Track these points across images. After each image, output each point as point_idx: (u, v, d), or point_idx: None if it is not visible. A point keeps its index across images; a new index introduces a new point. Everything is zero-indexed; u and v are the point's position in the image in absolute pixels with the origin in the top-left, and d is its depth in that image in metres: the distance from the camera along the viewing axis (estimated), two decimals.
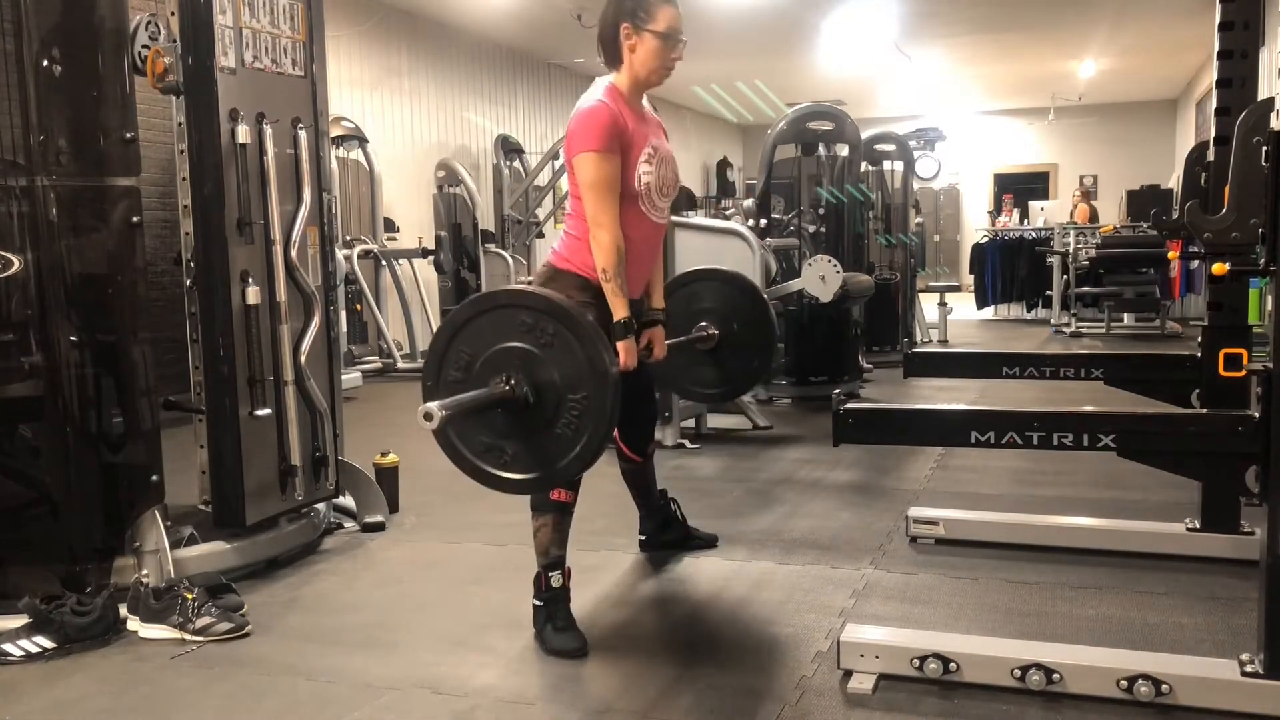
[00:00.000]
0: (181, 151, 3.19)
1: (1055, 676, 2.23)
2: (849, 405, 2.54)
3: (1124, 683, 2.19)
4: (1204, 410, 3.01)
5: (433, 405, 2.15)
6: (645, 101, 2.88)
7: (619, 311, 2.64)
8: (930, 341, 9.18)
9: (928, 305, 9.46)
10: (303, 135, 3.29)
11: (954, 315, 10.14)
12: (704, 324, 3.46)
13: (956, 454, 4.65)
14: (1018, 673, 2.25)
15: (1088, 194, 13.20)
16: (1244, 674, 2.15)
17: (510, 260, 9.18)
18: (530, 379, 2.34)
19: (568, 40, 10.54)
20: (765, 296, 3.62)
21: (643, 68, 2.74)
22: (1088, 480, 4.20)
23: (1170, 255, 4.00)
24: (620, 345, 2.60)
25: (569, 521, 2.70)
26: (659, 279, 3.01)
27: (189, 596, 2.74)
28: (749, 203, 6.60)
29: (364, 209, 8.57)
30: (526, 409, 2.34)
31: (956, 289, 12.82)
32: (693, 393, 3.71)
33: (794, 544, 3.43)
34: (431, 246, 8.42)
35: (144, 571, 2.91)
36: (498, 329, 2.37)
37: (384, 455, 3.94)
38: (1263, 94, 2.86)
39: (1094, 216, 12.25)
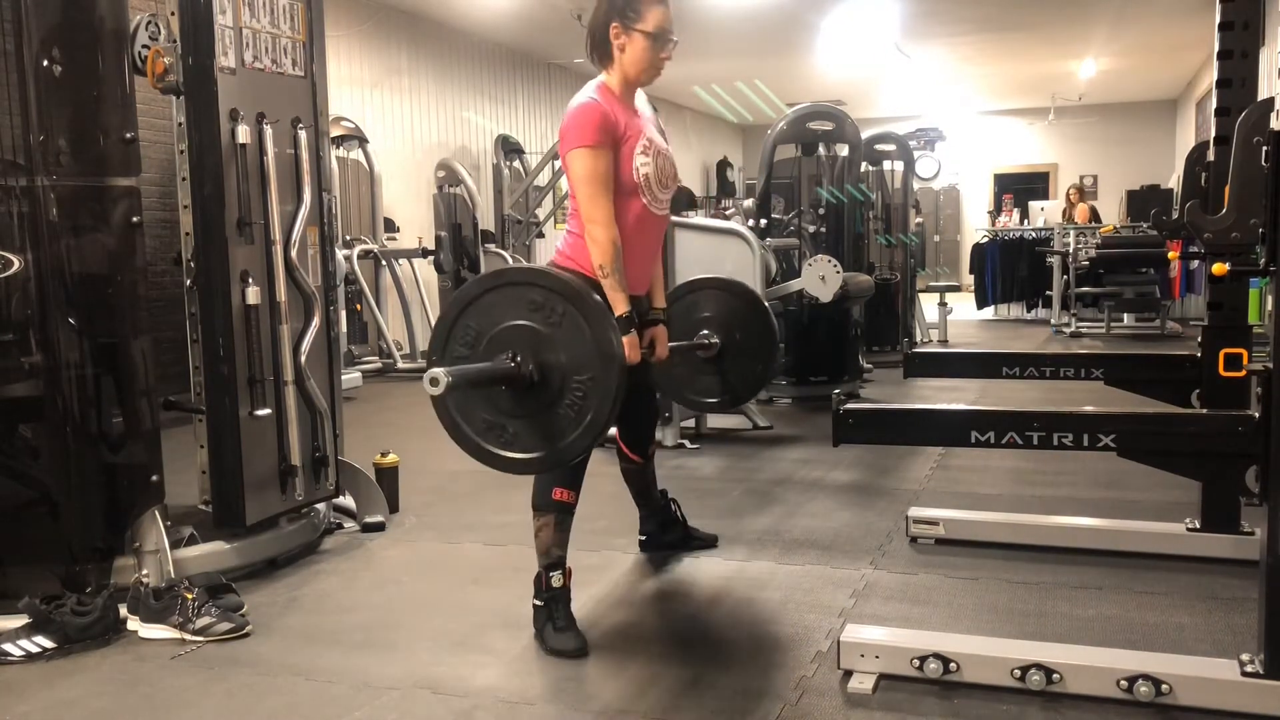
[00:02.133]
0: (181, 151, 3.19)
1: (1055, 676, 2.23)
2: (849, 405, 2.54)
3: (1124, 683, 2.19)
4: (1204, 410, 3.01)
5: (439, 371, 2.16)
6: (643, 102, 2.88)
7: (619, 307, 2.62)
8: (930, 341, 9.18)
9: (928, 305, 9.46)
10: (303, 135, 3.29)
11: (954, 315, 10.14)
12: (705, 333, 3.47)
13: (956, 454, 4.65)
14: (1018, 673, 2.25)
15: (1083, 191, 13.15)
16: (1244, 674, 2.15)
17: (510, 260, 9.18)
18: (536, 358, 2.33)
19: (568, 40, 10.51)
20: (766, 304, 3.61)
21: (632, 67, 2.74)
22: (1088, 480, 4.20)
23: (1170, 255, 3.99)
24: (623, 340, 2.58)
25: (570, 521, 2.70)
26: (660, 279, 3.00)
27: (189, 596, 2.74)
28: (749, 203, 6.60)
29: (364, 209, 8.57)
30: (531, 388, 2.34)
31: (956, 289, 12.82)
32: (695, 402, 3.69)
33: (794, 544, 3.43)
34: (431, 246, 8.42)
35: (144, 571, 2.91)
36: (507, 306, 2.37)
37: (384, 455, 3.94)
38: (1263, 94, 2.86)
39: (1095, 216, 12.24)
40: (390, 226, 8.84)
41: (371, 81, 9.14)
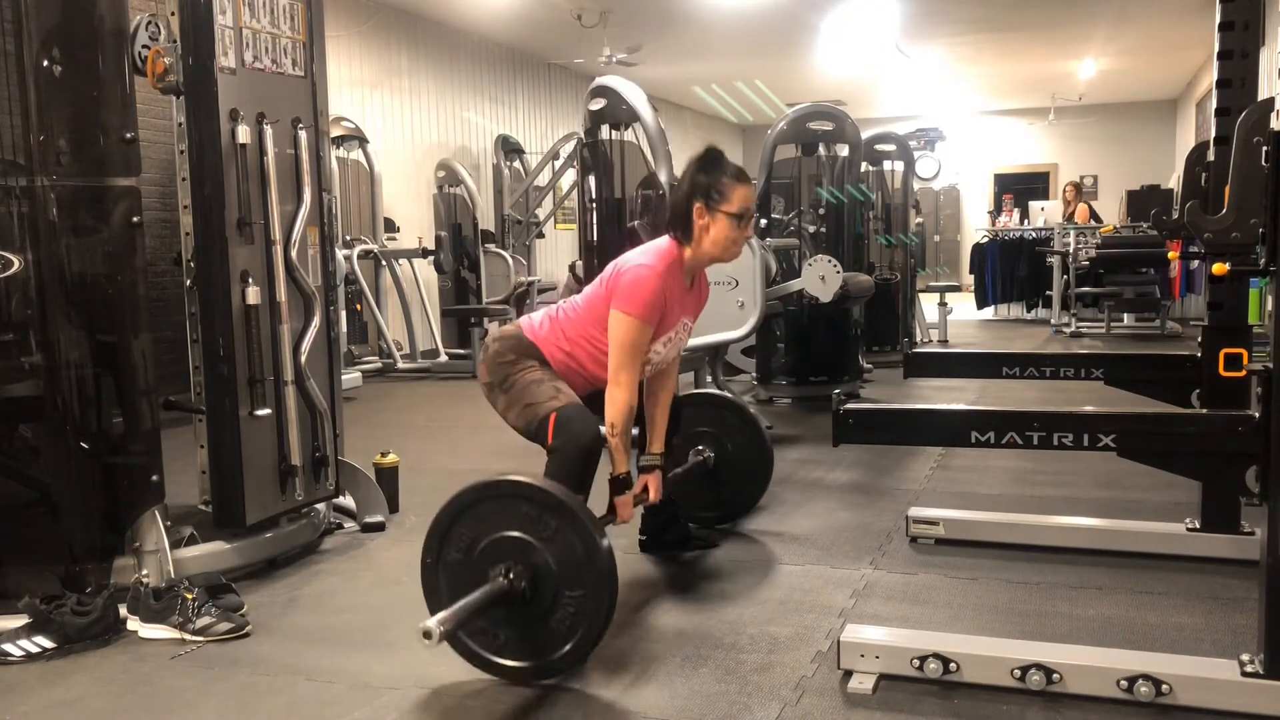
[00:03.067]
0: (181, 151, 3.19)
1: (1055, 676, 2.23)
2: (849, 405, 2.54)
3: (1124, 683, 2.19)
4: (1204, 410, 3.01)
5: (431, 623, 2.14)
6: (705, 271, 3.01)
7: (620, 466, 2.79)
8: (930, 341, 9.18)
9: (928, 305, 9.45)
10: (303, 135, 3.29)
11: (954, 315, 10.14)
12: (700, 448, 3.50)
13: (956, 454, 4.65)
14: (1018, 673, 2.25)
15: (1079, 189, 13.13)
16: (1244, 674, 2.15)
17: (510, 260, 9.18)
18: (529, 571, 2.33)
19: (568, 40, 10.54)
20: (756, 416, 3.62)
21: (714, 246, 2.83)
22: (1088, 480, 4.20)
23: (1170, 255, 3.99)
24: (618, 500, 2.79)
25: None
26: (661, 423, 3.07)
27: (189, 596, 2.74)
28: None
29: (364, 209, 8.57)
30: (524, 602, 2.34)
31: (956, 289, 12.81)
32: (692, 516, 3.54)
33: (794, 544, 3.43)
34: (431, 246, 8.42)
35: (144, 571, 2.91)
36: (501, 516, 2.37)
37: (384, 455, 3.94)
38: (1263, 94, 2.86)
39: (1095, 216, 12.24)
40: (390, 226, 8.84)
41: (371, 81, 9.14)
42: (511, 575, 2.33)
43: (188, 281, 3.31)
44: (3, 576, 2.89)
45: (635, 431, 2.96)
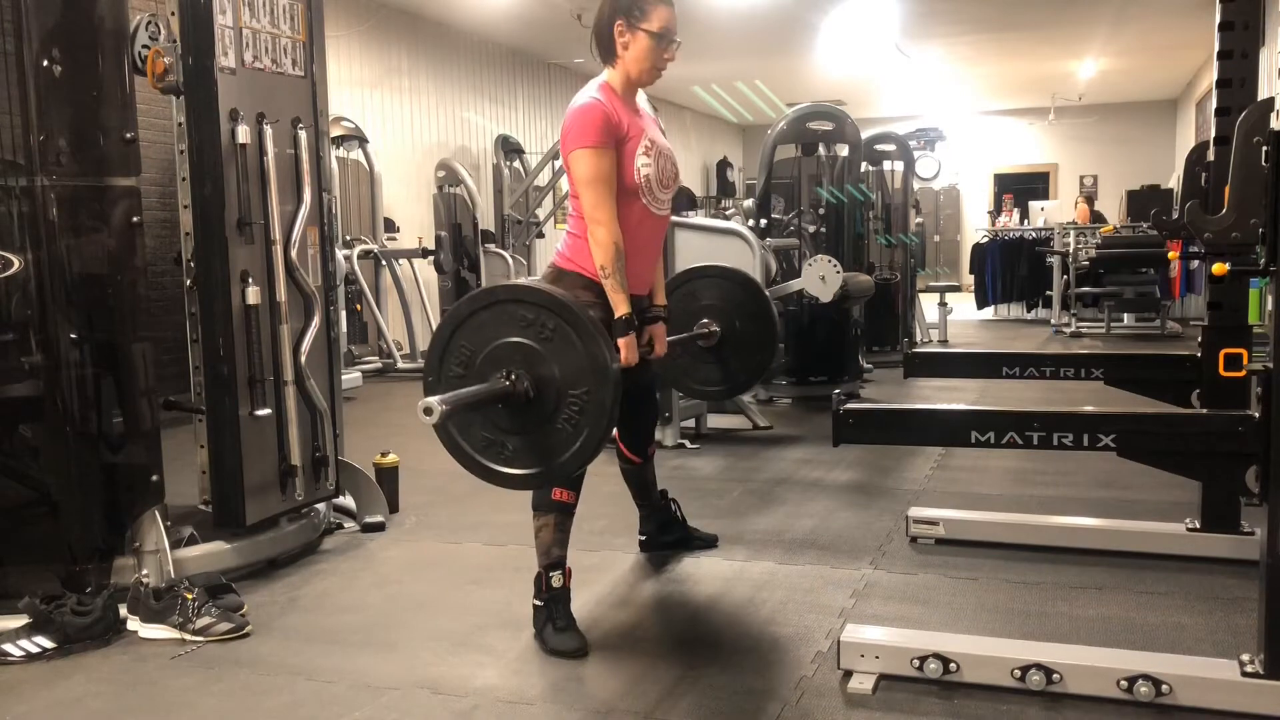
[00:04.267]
0: (181, 151, 3.19)
1: (1055, 676, 2.23)
2: (849, 405, 2.54)
3: (1124, 683, 2.19)
4: (1204, 410, 3.01)
5: (433, 400, 2.15)
6: (644, 101, 2.88)
7: (620, 308, 2.65)
8: (930, 341, 9.18)
9: (928, 305, 9.46)
10: (303, 135, 3.29)
11: (954, 315, 10.14)
12: (705, 321, 3.45)
13: (956, 454, 4.65)
14: (1018, 673, 2.25)
15: (1090, 199, 13.19)
16: (1244, 674, 2.15)
17: (510, 260, 9.18)
18: (531, 374, 2.33)
19: (568, 40, 10.53)
20: (765, 290, 3.60)
21: (635, 66, 2.75)
22: (1088, 480, 4.20)
23: (1170, 255, 3.99)
24: (621, 342, 2.61)
25: (570, 522, 2.70)
26: (660, 276, 3.01)
27: (189, 596, 2.74)
28: (749, 203, 6.60)
29: (364, 209, 8.56)
30: (527, 404, 2.34)
31: (956, 289, 12.82)
32: (696, 390, 3.69)
33: (794, 544, 3.43)
34: (431, 246, 8.42)
35: (144, 571, 2.91)
36: (498, 324, 2.36)
37: (384, 455, 3.94)
38: (1263, 94, 2.86)
39: (1097, 217, 12.23)
40: (390, 226, 8.84)
41: (371, 81, 9.14)
42: (513, 377, 2.32)
43: (188, 281, 3.30)
44: (3, 576, 2.89)
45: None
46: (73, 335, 2.88)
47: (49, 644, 2.65)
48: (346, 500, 3.78)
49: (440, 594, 3.07)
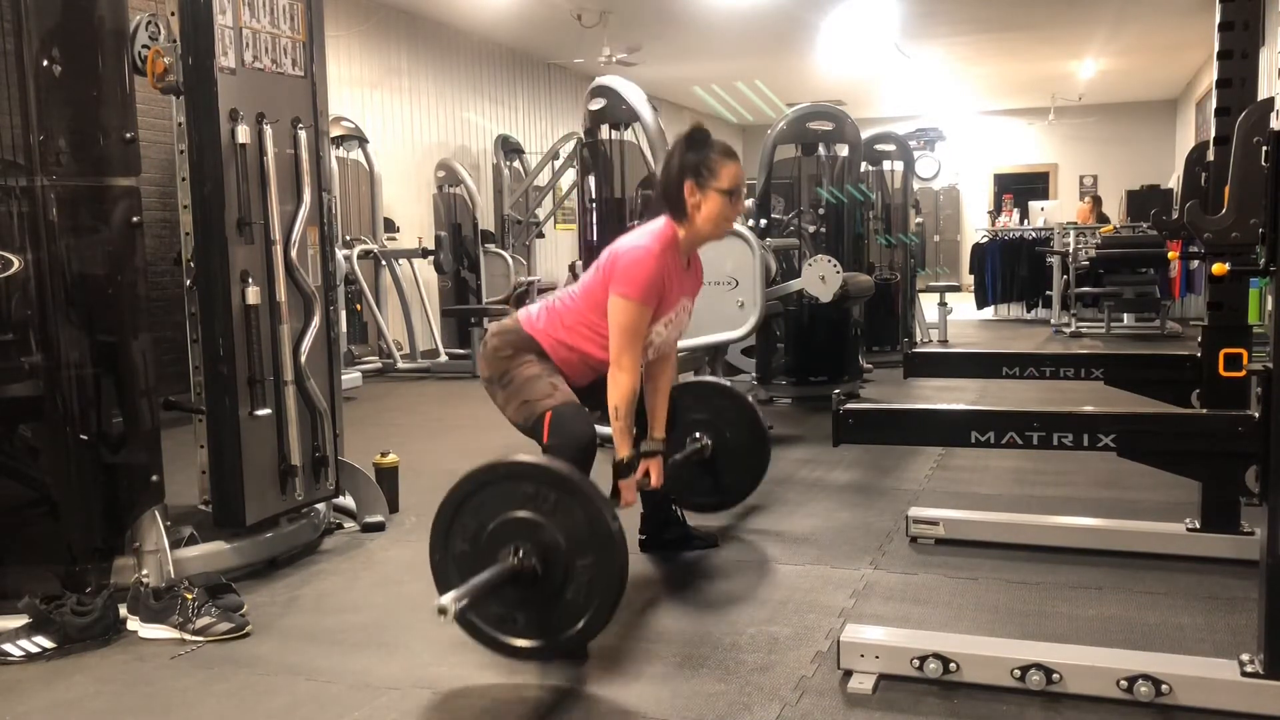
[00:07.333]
0: (181, 151, 3.19)
1: (1055, 676, 2.23)
2: (849, 405, 2.54)
3: (1124, 683, 2.19)
4: (1204, 410, 3.01)
5: (447, 599, 2.16)
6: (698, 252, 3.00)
7: (622, 450, 2.79)
8: (930, 341, 9.18)
9: (928, 305, 9.45)
10: (303, 135, 3.29)
11: (954, 315, 10.14)
12: (697, 435, 3.49)
13: (956, 454, 4.65)
14: (1018, 673, 2.25)
15: (1098, 198, 13.19)
16: (1244, 674, 2.15)
17: (510, 260, 9.19)
18: (537, 547, 2.34)
19: (568, 40, 10.54)
20: (752, 403, 3.61)
21: (707, 223, 2.83)
22: (1088, 480, 4.20)
23: (1170, 255, 4.00)
24: (622, 484, 2.79)
25: None
26: (662, 410, 3.07)
27: (189, 596, 2.74)
28: (749, 203, 6.59)
29: (364, 209, 8.56)
30: (536, 580, 2.35)
31: (956, 289, 12.81)
32: (699, 505, 3.58)
33: (794, 544, 3.43)
34: (431, 246, 8.42)
35: (144, 571, 2.91)
36: (501, 500, 2.39)
37: (384, 455, 3.94)
38: (1263, 94, 2.86)
39: (1103, 218, 12.23)
40: (390, 226, 8.84)
41: (371, 81, 9.14)
42: (520, 554, 2.33)
43: (188, 281, 3.31)
44: (3, 576, 2.89)
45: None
46: (73, 335, 2.88)
47: (49, 644, 2.65)
48: (346, 500, 3.78)
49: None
